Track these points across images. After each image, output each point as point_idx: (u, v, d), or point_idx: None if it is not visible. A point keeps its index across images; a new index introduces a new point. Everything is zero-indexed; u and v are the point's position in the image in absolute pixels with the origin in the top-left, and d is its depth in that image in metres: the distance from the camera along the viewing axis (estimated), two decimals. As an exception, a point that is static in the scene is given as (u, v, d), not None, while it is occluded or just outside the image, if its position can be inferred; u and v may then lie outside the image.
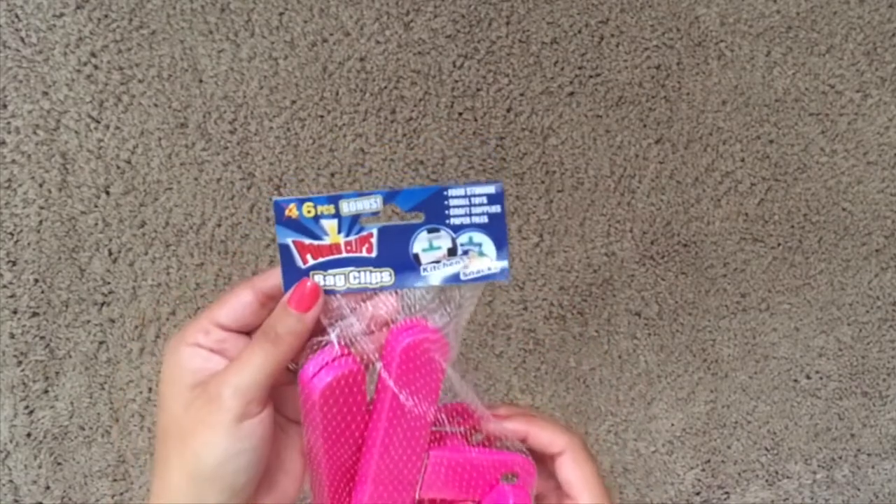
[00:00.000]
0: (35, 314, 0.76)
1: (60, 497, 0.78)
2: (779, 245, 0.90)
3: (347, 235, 0.35)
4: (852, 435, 0.94)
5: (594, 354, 0.87)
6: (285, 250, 0.35)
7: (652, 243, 0.87)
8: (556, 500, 0.40)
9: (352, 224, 0.35)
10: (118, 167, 0.76)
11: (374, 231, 0.35)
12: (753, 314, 0.90)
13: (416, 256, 0.36)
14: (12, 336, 0.76)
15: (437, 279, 0.36)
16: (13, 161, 0.74)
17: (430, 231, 0.35)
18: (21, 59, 0.73)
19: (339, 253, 0.35)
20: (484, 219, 0.35)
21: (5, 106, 0.74)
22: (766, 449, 0.93)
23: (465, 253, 0.36)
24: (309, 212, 0.35)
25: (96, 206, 0.76)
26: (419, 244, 0.35)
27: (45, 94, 0.74)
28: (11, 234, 0.75)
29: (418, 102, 0.81)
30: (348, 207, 0.35)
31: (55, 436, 0.78)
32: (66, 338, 0.77)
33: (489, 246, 0.36)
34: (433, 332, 0.35)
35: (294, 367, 0.36)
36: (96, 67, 0.75)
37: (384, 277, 0.36)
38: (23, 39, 0.73)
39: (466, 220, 0.35)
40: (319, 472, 0.37)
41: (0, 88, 0.73)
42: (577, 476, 0.38)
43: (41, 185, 0.75)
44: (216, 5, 0.76)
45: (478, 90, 0.82)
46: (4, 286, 0.75)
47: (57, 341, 0.77)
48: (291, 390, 0.36)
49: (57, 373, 0.77)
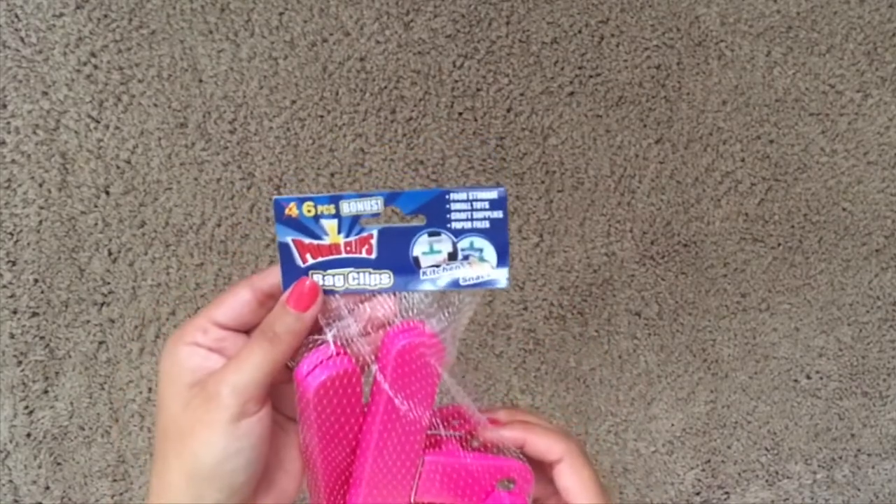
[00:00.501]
0: (35, 314, 0.76)
1: (60, 497, 0.78)
2: (779, 245, 0.89)
3: (347, 236, 0.35)
4: (852, 435, 0.94)
5: (594, 354, 0.87)
6: (285, 249, 0.35)
7: (652, 243, 0.87)
8: None
9: (352, 225, 0.35)
10: (118, 167, 0.76)
11: (375, 232, 0.35)
12: (753, 314, 0.90)
13: (416, 259, 0.35)
14: (12, 336, 0.76)
15: (437, 283, 0.36)
16: (13, 161, 0.74)
17: (431, 234, 0.35)
18: (21, 59, 0.73)
19: (339, 253, 0.35)
20: (486, 224, 0.35)
21: (5, 106, 0.73)
22: (766, 449, 0.93)
23: (466, 258, 0.35)
24: (309, 211, 0.35)
25: (96, 206, 0.76)
26: (419, 247, 0.35)
27: (45, 94, 0.74)
28: (11, 234, 0.75)
29: (418, 102, 0.81)
30: (349, 208, 0.35)
31: (55, 436, 0.78)
32: (66, 338, 0.77)
33: (490, 252, 0.35)
34: (430, 337, 0.35)
35: (293, 365, 0.36)
36: (96, 67, 0.75)
37: (383, 279, 0.35)
38: (23, 39, 0.73)
39: (468, 225, 0.35)
40: (315, 471, 0.37)
41: (0, 88, 0.73)
42: (576, 482, 0.38)
43: (41, 185, 0.75)
44: (216, 5, 0.76)
45: (478, 90, 0.82)
46: (4, 286, 0.75)
47: (57, 341, 0.77)
48: (290, 388, 0.36)
49: (57, 373, 0.77)
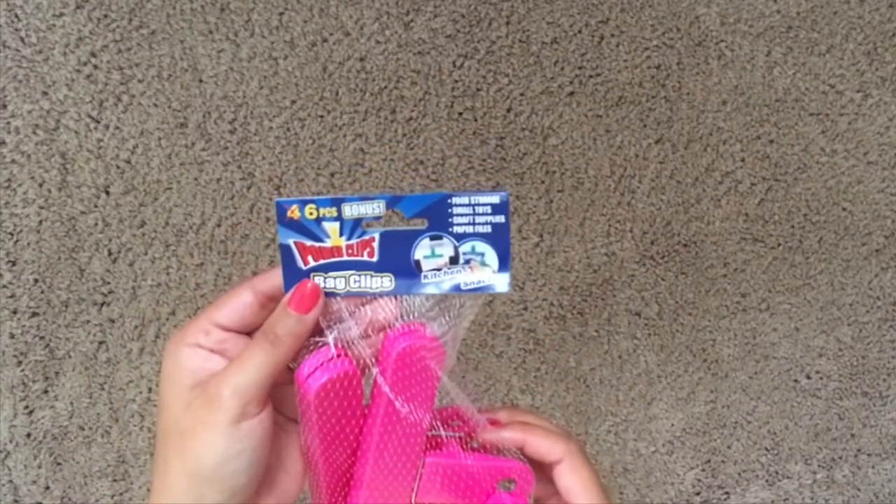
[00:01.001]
0: (35, 314, 0.76)
1: (60, 497, 0.78)
2: (779, 245, 0.90)
3: (349, 239, 0.35)
4: (852, 435, 0.94)
5: (594, 354, 0.87)
6: (286, 251, 0.35)
7: (652, 243, 0.87)
8: None
9: (354, 227, 0.35)
10: (118, 167, 0.76)
11: (376, 235, 0.35)
12: (753, 314, 0.90)
13: (418, 263, 0.35)
14: (12, 336, 0.76)
15: (438, 287, 0.35)
16: (13, 161, 0.74)
17: (433, 238, 0.35)
18: (21, 58, 0.73)
19: (341, 256, 0.35)
20: (487, 228, 0.35)
21: (5, 106, 0.73)
22: (766, 449, 0.93)
23: (468, 262, 0.35)
24: (311, 213, 0.35)
25: (96, 206, 0.76)
26: (421, 251, 0.35)
27: (45, 94, 0.74)
28: (11, 234, 0.75)
29: (418, 102, 0.81)
30: (351, 211, 0.35)
31: (55, 436, 0.78)
32: (66, 338, 0.77)
33: (492, 256, 0.35)
34: (430, 340, 0.35)
35: (294, 367, 0.36)
36: (96, 67, 0.75)
37: (384, 282, 0.35)
38: (23, 39, 0.73)
39: (470, 229, 0.35)
40: (317, 472, 0.37)
41: (0, 88, 0.73)
42: (576, 483, 0.38)
43: (41, 185, 0.75)
44: (216, 5, 0.76)
45: (478, 90, 0.82)
46: (4, 286, 0.75)
47: (57, 341, 0.77)
48: (291, 390, 0.36)
49: (57, 373, 0.77)
